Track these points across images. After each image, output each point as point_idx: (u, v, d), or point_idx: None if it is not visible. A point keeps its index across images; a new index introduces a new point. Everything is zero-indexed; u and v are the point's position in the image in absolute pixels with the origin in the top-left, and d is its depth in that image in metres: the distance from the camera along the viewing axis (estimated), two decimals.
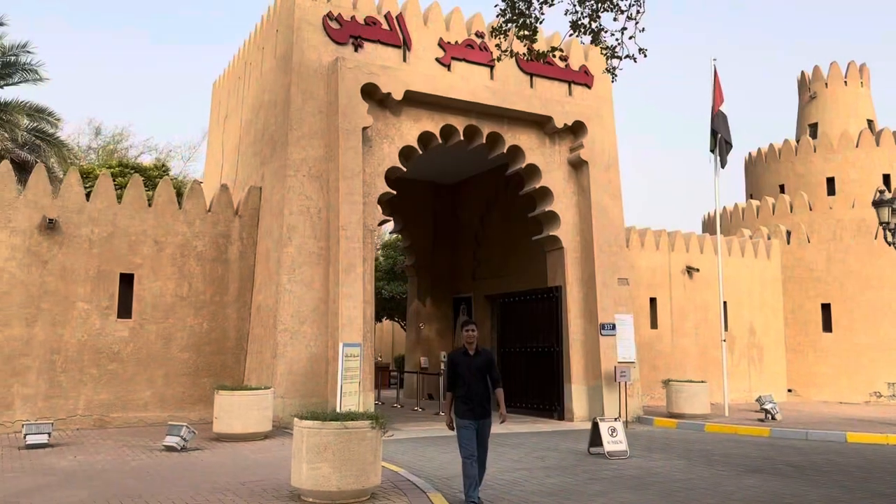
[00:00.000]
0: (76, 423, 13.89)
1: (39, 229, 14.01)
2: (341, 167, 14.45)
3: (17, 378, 13.56)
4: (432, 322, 23.22)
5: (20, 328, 13.68)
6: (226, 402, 12.38)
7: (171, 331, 15.00)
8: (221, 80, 21.89)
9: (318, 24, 15.17)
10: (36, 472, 9.35)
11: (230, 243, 15.92)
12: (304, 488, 7.67)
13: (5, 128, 23.20)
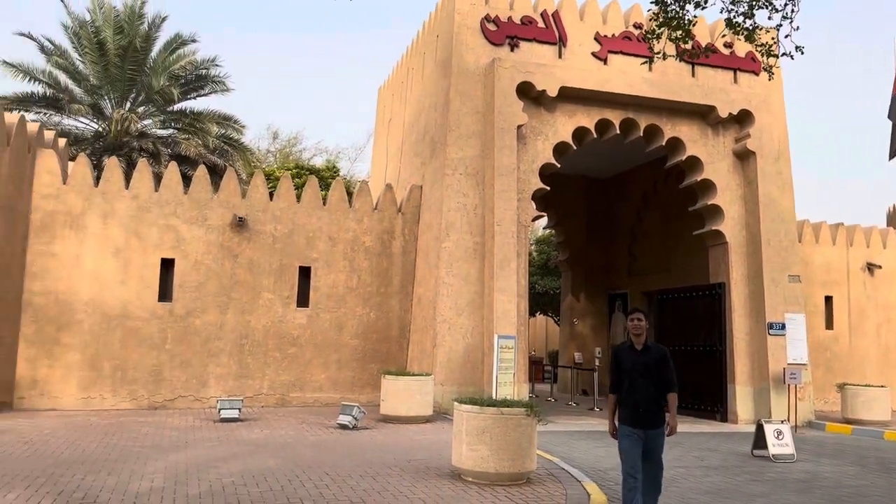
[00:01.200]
0: (261, 401, 15.44)
1: (230, 226, 15.69)
2: (496, 165, 14.90)
3: (212, 359, 15.31)
4: (586, 318, 23.15)
5: (215, 315, 15.42)
6: (391, 387, 13.26)
7: (342, 319, 16.23)
8: (386, 85, 23.14)
9: (476, 27, 15.71)
10: (230, 442, 10.61)
11: (394, 239, 16.92)
12: (465, 468, 8.18)
13: (199, 135, 26.00)
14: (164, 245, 15.24)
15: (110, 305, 14.73)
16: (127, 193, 15.14)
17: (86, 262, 14.72)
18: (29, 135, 14.60)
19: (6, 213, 13.75)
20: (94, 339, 14.57)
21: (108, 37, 25.30)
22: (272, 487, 7.48)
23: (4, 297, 13.76)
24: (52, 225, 14.61)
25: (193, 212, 15.51)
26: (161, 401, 14.82)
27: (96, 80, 25.91)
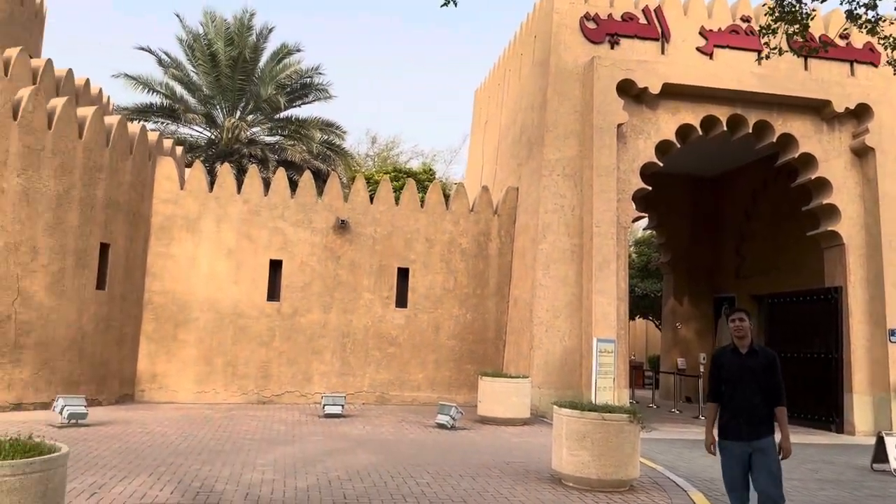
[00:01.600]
0: (362, 399, 15.85)
1: (333, 229, 16.20)
2: (595, 165, 14.67)
3: (316, 356, 15.85)
4: (690, 322, 22.39)
5: (319, 314, 15.96)
6: (488, 388, 13.31)
7: (439, 320, 16.43)
8: (482, 88, 23.25)
9: (575, 26, 15.53)
10: (334, 437, 10.96)
11: (490, 240, 16.97)
12: (565, 472, 8.11)
13: (303, 141, 26.96)
14: (272, 247, 15.92)
15: (223, 304, 15.52)
16: (239, 198, 15.92)
17: (201, 263, 15.58)
18: (150, 143, 15.61)
19: (129, 217, 14.75)
20: (209, 335, 15.39)
21: (219, 49, 26.66)
22: (375, 483, 7.68)
23: (127, 296, 14.77)
24: (170, 228, 15.56)
25: (299, 215, 16.12)
26: (269, 396, 15.48)
27: (209, 90, 27.37)
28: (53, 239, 13.08)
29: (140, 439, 9.96)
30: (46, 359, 12.94)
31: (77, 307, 13.44)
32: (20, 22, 16.83)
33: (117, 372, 14.51)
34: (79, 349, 13.49)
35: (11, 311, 12.48)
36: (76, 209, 13.48)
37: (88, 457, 8.46)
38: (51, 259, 13.02)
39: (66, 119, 13.37)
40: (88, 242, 13.72)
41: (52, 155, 13.10)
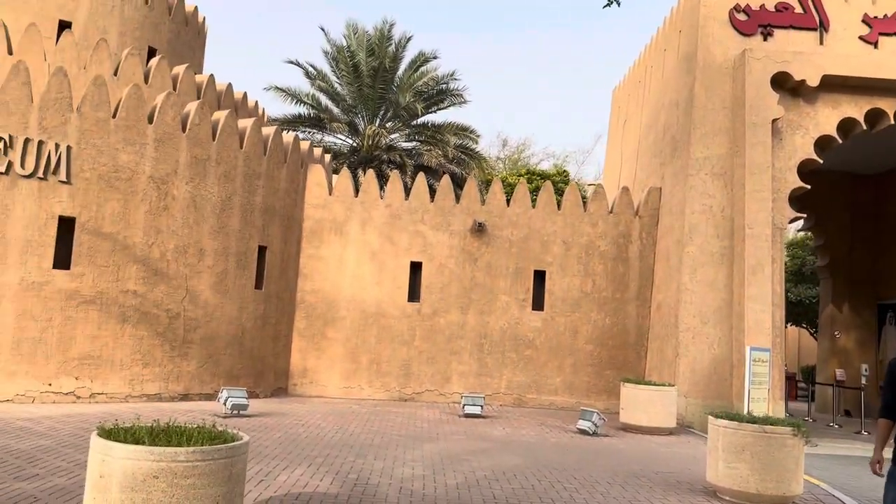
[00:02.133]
0: (499, 400, 15.94)
1: (471, 231, 16.41)
2: (748, 163, 13.92)
3: (454, 357, 16.12)
4: (850, 330, 20.70)
5: (457, 315, 16.22)
6: (631, 395, 12.97)
7: (577, 324, 16.21)
8: (621, 86, 22.71)
9: (724, 18, 14.83)
10: (476, 437, 11.09)
11: (630, 243, 16.53)
12: (721, 486, 7.76)
13: (439, 146, 27.53)
14: (412, 249, 16.36)
15: (368, 304, 16.14)
16: (381, 202, 16.50)
17: (347, 264, 16.28)
18: (302, 152, 16.52)
19: (284, 221, 15.68)
20: (354, 334, 16.06)
21: (361, 59, 27.79)
22: (523, 486, 7.70)
23: (282, 295, 15.70)
24: (320, 231, 16.37)
25: (438, 218, 16.46)
26: (410, 393, 15.91)
27: (351, 99, 28.59)
28: (217, 242, 14.14)
29: (297, 431, 10.55)
30: (211, 353, 14.00)
31: (238, 305, 14.45)
32: (185, 41, 18.35)
33: (272, 366, 15.45)
34: (239, 344, 14.50)
35: (181, 309, 13.61)
36: (237, 214, 14.50)
37: (252, 446, 9.07)
38: (215, 260, 14.08)
39: (229, 130, 14.42)
40: (248, 245, 14.72)
41: (216, 164, 14.18)
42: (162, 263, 13.35)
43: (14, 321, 11.92)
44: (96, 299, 12.59)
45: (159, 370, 13.24)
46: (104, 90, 12.93)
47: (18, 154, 12.07)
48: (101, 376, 12.57)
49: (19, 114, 12.17)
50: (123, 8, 16.52)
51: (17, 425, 9.57)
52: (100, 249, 12.68)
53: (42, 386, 12.04)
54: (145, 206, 13.19)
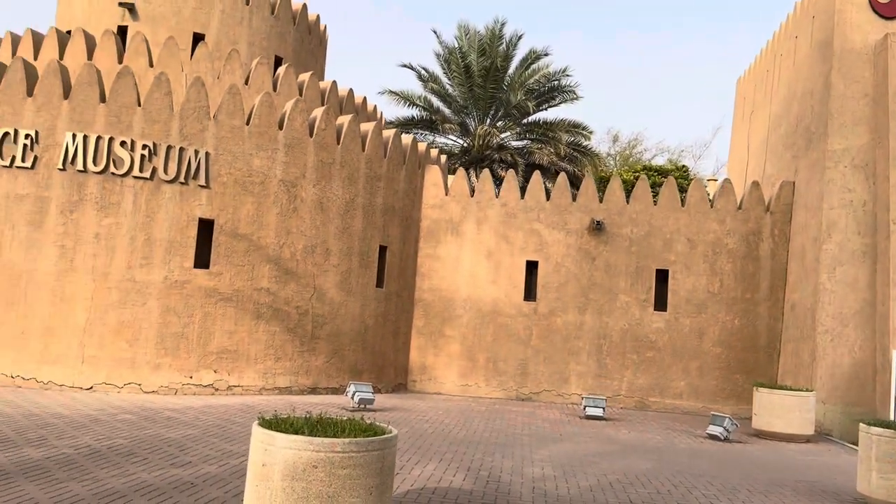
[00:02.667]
0: (619, 403, 15.59)
1: (588, 230, 16.14)
2: (892, 155, 12.94)
3: (572, 357, 15.91)
4: None
5: (574, 315, 16.00)
6: (765, 400, 12.34)
7: (703, 325, 15.61)
8: (746, 76, 21.67)
9: (863, 2, 13.86)
10: (601, 440, 10.89)
11: (761, 240, 15.74)
12: (875, 497, 7.25)
13: (550, 144, 27.26)
14: (528, 248, 16.28)
15: (484, 302, 16.21)
16: (497, 201, 16.52)
17: (464, 263, 16.42)
18: (419, 153, 16.81)
19: (403, 221, 16.01)
20: (471, 332, 16.17)
21: (472, 60, 27.94)
22: (659, 490, 7.48)
23: (401, 293, 16.04)
24: (436, 231, 16.60)
25: (554, 217, 16.30)
26: (527, 393, 15.85)
27: (462, 100, 28.80)
28: (342, 242, 14.62)
29: (422, 426, 10.74)
30: (336, 348, 14.50)
31: (361, 303, 14.89)
32: (308, 49, 19.09)
33: (393, 362, 15.82)
34: (362, 341, 14.94)
35: (309, 306, 14.16)
36: (360, 215, 14.94)
37: None
38: (340, 260, 14.57)
39: (352, 135, 14.88)
40: (370, 245, 15.14)
41: (340, 167, 14.66)
42: (292, 263, 13.95)
43: (159, 317, 12.80)
44: (233, 297, 13.32)
45: (290, 364, 13.84)
46: (238, 99, 13.66)
47: (162, 160, 12.95)
48: (238, 370, 13.29)
49: (162, 122, 13.05)
50: (252, 19, 17.38)
51: (164, 415, 10.27)
52: (236, 250, 13.41)
53: (184, 378, 12.87)
54: (276, 208, 13.82)
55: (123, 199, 12.74)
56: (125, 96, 12.91)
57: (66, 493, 5.89)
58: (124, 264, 12.68)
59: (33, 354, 12.33)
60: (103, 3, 16.86)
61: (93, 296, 12.53)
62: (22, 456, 7.05)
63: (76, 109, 12.75)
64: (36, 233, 12.53)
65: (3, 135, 12.64)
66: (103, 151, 12.68)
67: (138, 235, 12.77)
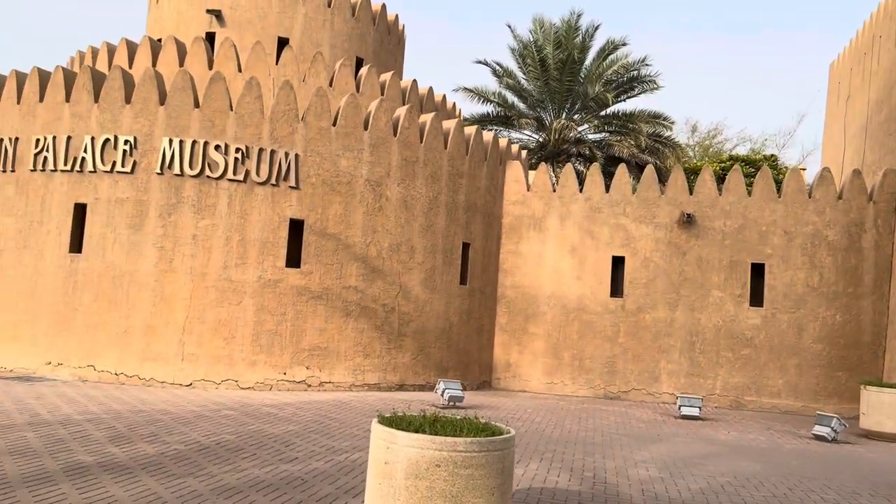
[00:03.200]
0: (713, 402, 15.07)
1: (678, 223, 15.67)
2: None
3: (662, 355, 15.48)
4: None
5: (664, 311, 15.56)
6: (874, 399, 11.69)
7: (802, 321, 14.93)
8: (840, 59, 20.62)
9: None
10: (701, 439, 10.53)
11: (863, 231, 14.92)
12: None
13: (630, 136, 26.64)
14: (614, 243, 15.94)
15: (568, 299, 15.96)
16: (581, 196, 16.23)
17: (547, 259, 16.21)
18: (500, 149, 16.69)
19: (486, 218, 15.94)
20: (556, 329, 15.95)
21: (548, 53, 27.59)
22: (774, 494, 7.16)
23: (484, 290, 15.97)
24: (518, 227, 16.45)
25: (641, 210, 15.90)
26: (615, 391, 15.52)
27: (538, 94, 28.49)
28: (426, 239, 14.66)
29: (515, 426, 10.63)
30: (422, 346, 14.56)
31: (445, 300, 14.90)
32: (388, 49, 19.23)
33: (477, 360, 15.78)
34: (447, 338, 14.95)
35: (395, 304, 14.26)
36: (443, 213, 14.95)
37: None
38: (424, 257, 14.61)
39: (434, 132, 14.89)
40: (453, 242, 15.13)
41: (423, 165, 14.70)
42: (378, 261, 14.08)
43: (254, 315, 13.13)
44: (323, 295, 13.54)
45: (378, 361, 13.97)
46: (325, 101, 13.86)
47: (254, 163, 13.27)
48: (328, 366, 13.51)
49: (253, 126, 13.37)
50: (334, 22, 17.64)
51: (264, 411, 10.52)
52: (325, 249, 13.62)
53: (278, 375, 13.16)
54: (363, 207, 13.97)
55: (218, 201, 13.12)
56: (218, 101, 13.29)
57: (185, 488, 6.07)
58: (220, 264, 13.07)
59: (136, 352, 12.86)
60: (192, 11, 17.44)
61: (191, 295, 12.96)
62: (138, 451, 7.33)
63: (172, 115, 13.21)
64: (136, 235, 13.05)
65: (104, 141, 13.21)
66: (199, 155, 13.09)
67: (233, 236, 13.13)
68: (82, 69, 13.62)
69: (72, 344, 12.98)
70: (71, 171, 13.30)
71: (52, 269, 13.24)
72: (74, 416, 9.03)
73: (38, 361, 13.07)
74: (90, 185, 13.21)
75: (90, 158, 13.19)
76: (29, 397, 10.37)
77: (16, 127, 13.92)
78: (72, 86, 13.66)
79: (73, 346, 12.97)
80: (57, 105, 13.64)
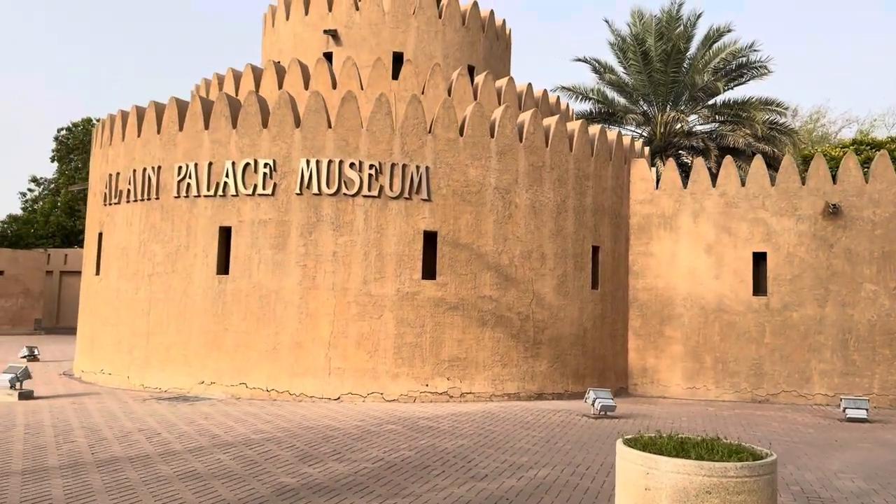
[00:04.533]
0: (872, 402, 14.14)
1: (822, 215, 14.83)
2: None
3: (813, 354, 14.67)
4: None
5: (812, 308, 14.75)
6: None
7: None
8: None
9: None
10: (884, 445, 9.85)
11: None
12: None
13: (745, 125, 25.56)
14: (753, 239, 15.24)
15: (706, 300, 15.37)
16: (714, 191, 15.61)
17: (680, 259, 15.67)
18: (623, 147, 16.27)
19: (613, 219, 15.56)
20: (694, 332, 15.38)
21: (650, 45, 26.86)
22: None
23: (615, 294, 15.58)
24: (647, 227, 15.97)
25: (782, 203, 15.14)
26: (763, 395, 14.81)
27: (641, 88, 27.77)
28: (556, 245, 14.43)
29: None
30: (558, 353, 14.32)
31: (578, 306, 14.62)
32: (496, 54, 19.14)
33: (612, 366, 15.40)
34: (582, 345, 14.65)
35: (529, 311, 14.09)
36: (571, 217, 14.68)
37: None
38: (555, 263, 14.38)
39: (559, 136, 14.65)
40: (582, 246, 14.84)
41: (550, 170, 14.48)
42: (510, 269, 13.95)
43: (394, 328, 13.24)
44: (459, 306, 13.52)
45: (516, 370, 13.83)
46: (452, 112, 13.87)
47: (387, 178, 13.40)
48: (468, 377, 13.46)
49: (385, 142, 13.51)
50: (445, 32, 17.70)
51: (423, 425, 10.54)
52: (458, 259, 13.60)
53: (420, 386, 13.22)
54: (493, 215, 13.88)
55: (355, 217, 13.32)
56: (350, 120, 13.50)
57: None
58: (360, 279, 13.25)
59: (285, 368, 13.18)
60: (308, 32, 17.87)
61: (334, 311, 13.19)
62: (332, 471, 7.42)
63: (307, 136, 13.50)
64: (280, 254, 13.39)
65: (245, 165, 13.64)
66: (335, 174, 13.33)
67: (371, 251, 13.29)
68: (219, 97, 14.12)
69: (223, 363, 13.44)
70: (214, 195, 13.80)
71: (200, 291, 13.76)
72: (252, 436, 9.29)
73: (192, 381, 13.59)
74: (233, 209, 13.66)
75: (232, 183, 13.64)
76: (198, 417, 10.76)
77: (157, 156, 14.56)
78: (209, 113, 14.18)
79: (225, 364, 13.43)
80: (197, 133, 14.18)
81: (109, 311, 14.93)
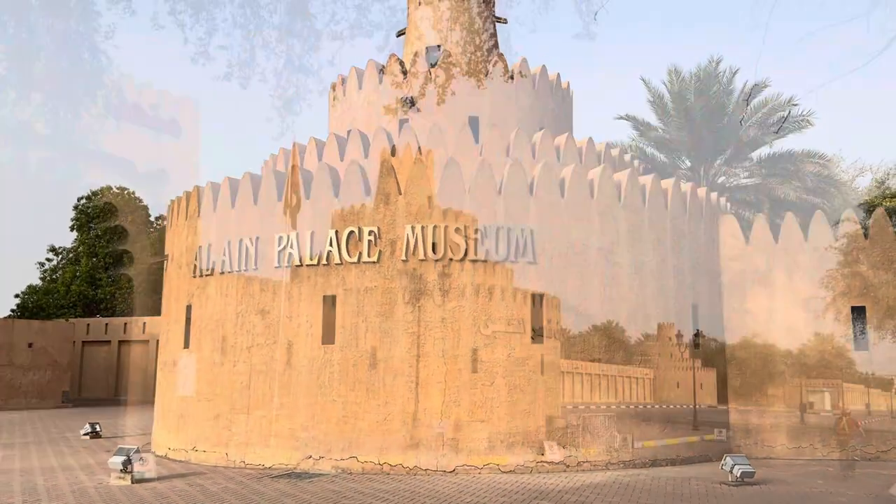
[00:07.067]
0: None
1: None
2: None
3: None
4: None
5: None
6: None
7: None
8: None
9: None
10: None
11: None
12: None
13: (793, 177, 25.75)
14: (851, 293, 15.08)
15: (807, 356, 15.10)
16: (807, 245, 15.53)
17: (777, 315, 15.45)
18: (712, 204, 16.26)
19: (709, 276, 15.42)
20: (796, 389, 15.06)
21: (691, 102, 27.27)
22: None
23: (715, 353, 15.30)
24: (741, 283, 15.80)
25: (877, 256, 15.05)
26: (874, 451, 14.41)
27: (681, 144, 28.09)
28: (658, 305, 14.24)
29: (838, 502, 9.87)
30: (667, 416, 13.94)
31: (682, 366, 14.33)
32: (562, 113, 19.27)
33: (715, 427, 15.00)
34: None
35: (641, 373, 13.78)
36: (671, 275, 14.54)
37: None
38: (658, 323, 14.15)
39: (656, 194, 14.64)
40: (682, 305, 14.65)
41: (649, 228, 14.41)
42: (617, 331, 13.72)
43: (507, 395, 12.89)
44: (570, 369, 13.22)
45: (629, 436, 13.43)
46: (552, 174, 13.86)
47: (493, 241, 13.28)
48: (584, 444, 13.04)
49: (488, 206, 13.43)
50: (518, 96, 17.91)
51: (570, 500, 10.12)
52: (566, 322, 13.38)
53: (535, 456, 12.78)
54: (597, 277, 13.73)
55: (462, 282, 13.13)
56: (453, 185, 13.45)
57: None
58: (469, 345, 12.98)
59: (397, 440, 12.77)
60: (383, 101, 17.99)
61: (445, 379, 12.87)
62: None
63: (411, 203, 13.42)
64: (387, 322, 13.13)
65: (349, 234, 13.51)
66: (441, 239, 13.20)
67: (479, 316, 13.06)
68: (320, 166, 14.12)
69: (331, 435, 13.02)
70: (317, 264, 13.62)
71: (305, 361, 13.44)
72: None
73: (298, 455, 13.14)
74: (338, 277, 13.47)
75: (336, 251, 13.49)
76: (331, 495, 10.32)
77: (255, 227, 14.43)
78: (311, 183, 14.09)
79: (334, 437, 13.01)
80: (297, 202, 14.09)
81: (202, 385, 14.54)
